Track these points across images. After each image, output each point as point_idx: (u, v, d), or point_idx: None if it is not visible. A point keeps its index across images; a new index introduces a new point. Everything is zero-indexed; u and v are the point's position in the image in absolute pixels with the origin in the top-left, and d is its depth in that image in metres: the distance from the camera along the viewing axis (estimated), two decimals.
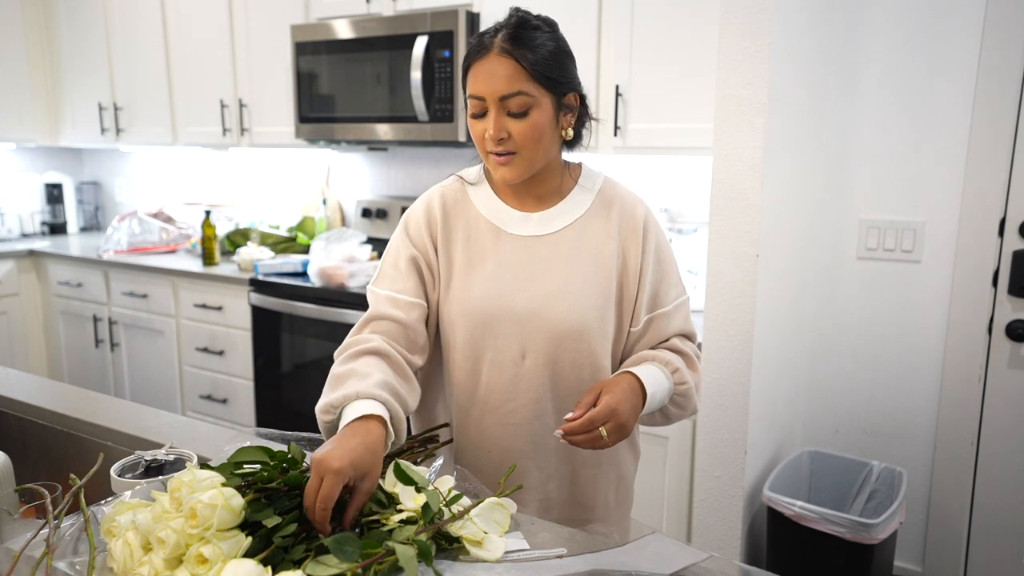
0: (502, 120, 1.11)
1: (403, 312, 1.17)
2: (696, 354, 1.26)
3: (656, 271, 1.22)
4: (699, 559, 0.91)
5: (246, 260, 3.15)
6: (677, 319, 1.24)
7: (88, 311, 3.69)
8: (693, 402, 1.22)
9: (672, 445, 2.17)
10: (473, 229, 1.22)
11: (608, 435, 1.06)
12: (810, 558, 1.95)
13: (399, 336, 1.16)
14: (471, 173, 1.28)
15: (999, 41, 2.06)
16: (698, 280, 2.45)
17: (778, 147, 1.91)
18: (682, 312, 1.25)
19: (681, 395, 1.19)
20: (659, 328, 1.23)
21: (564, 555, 0.90)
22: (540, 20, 1.14)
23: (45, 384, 1.64)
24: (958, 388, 2.23)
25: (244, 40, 3.23)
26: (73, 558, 0.86)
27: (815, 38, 2.12)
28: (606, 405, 1.06)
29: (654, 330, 1.23)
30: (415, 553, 0.80)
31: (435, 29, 2.60)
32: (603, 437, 1.06)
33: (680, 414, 1.23)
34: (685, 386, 1.19)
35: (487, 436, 1.21)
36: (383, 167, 3.42)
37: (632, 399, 1.10)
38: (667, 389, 1.17)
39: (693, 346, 1.26)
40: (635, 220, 1.22)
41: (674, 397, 1.19)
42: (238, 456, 0.91)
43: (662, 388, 1.16)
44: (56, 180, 4.31)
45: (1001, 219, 2.13)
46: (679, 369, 1.18)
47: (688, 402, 1.21)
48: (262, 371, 3.06)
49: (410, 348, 1.17)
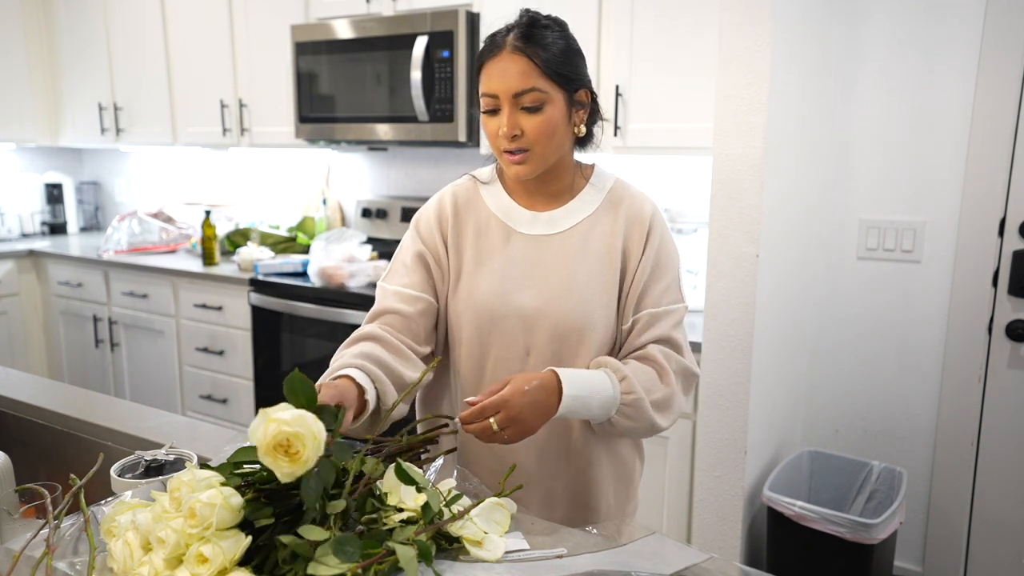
0: (515, 117, 1.12)
1: (407, 305, 1.20)
2: (680, 368, 1.18)
3: (653, 271, 1.20)
4: (699, 560, 0.91)
5: (246, 260, 3.15)
6: (663, 324, 1.19)
7: (88, 311, 3.69)
8: (648, 416, 1.13)
9: (672, 445, 2.17)
10: (483, 227, 1.24)
11: (501, 429, 1.02)
12: (810, 558, 1.95)
13: (402, 327, 1.19)
14: (484, 173, 1.30)
15: (999, 41, 2.06)
16: (698, 280, 2.45)
17: (778, 147, 1.91)
18: (671, 319, 1.19)
19: (629, 406, 1.11)
20: (640, 329, 1.19)
21: (564, 555, 0.90)
22: (550, 19, 1.16)
23: (45, 384, 1.64)
24: (958, 388, 2.23)
25: (244, 40, 3.23)
26: (73, 558, 0.86)
27: (815, 38, 2.12)
28: (500, 396, 1.03)
29: (636, 331, 1.20)
30: (415, 553, 0.80)
31: (435, 29, 2.60)
32: (494, 429, 1.02)
33: (632, 427, 1.14)
34: (632, 396, 1.11)
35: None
36: (383, 167, 3.42)
37: (539, 396, 1.06)
38: (608, 397, 1.10)
39: (678, 359, 1.18)
40: (642, 218, 1.22)
41: (621, 407, 1.11)
42: (238, 456, 0.91)
43: (599, 395, 1.09)
44: (56, 180, 4.31)
45: (1001, 219, 2.13)
46: (627, 378, 1.11)
47: (640, 415, 1.12)
48: (262, 371, 3.06)
49: (414, 339, 1.19)
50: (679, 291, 1.23)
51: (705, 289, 1.97)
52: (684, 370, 1.20)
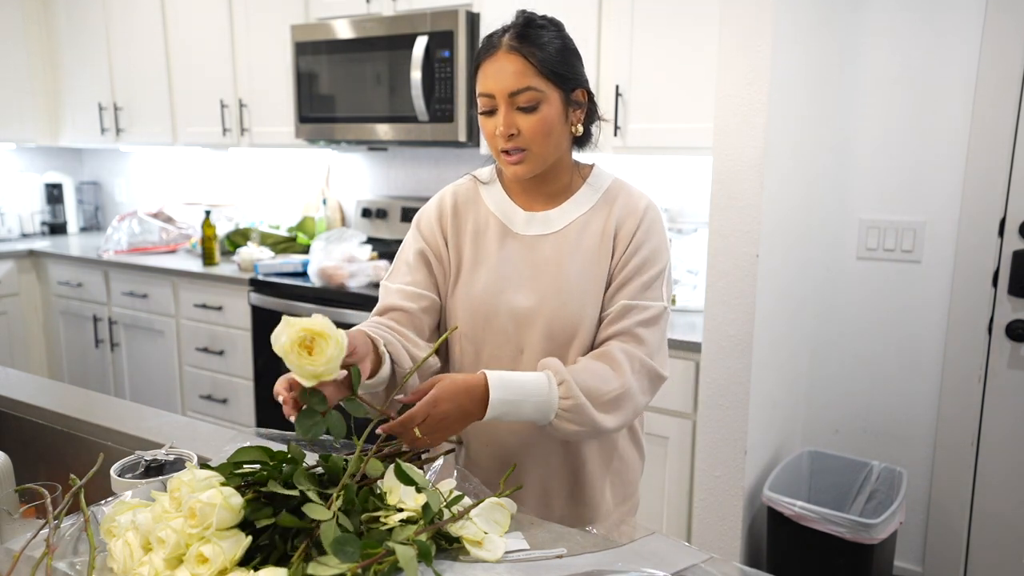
0: (512, 116, 1.13)
1: (411, 302, 1.22)
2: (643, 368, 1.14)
3: (637, 263, 1.18)
4: (699, 560, 0.91)
5: (246, 260, 3.15)
6: (632, 318, 1.15)
7: (88, 311, 3.69)
8: (591, 418, 1.08)
9: (672, 445, 2.17)
10: (482, 226, 1.25)
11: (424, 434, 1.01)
12: (810, 558, 1.95)
13: (407, 324, 1.20)
14: (484, 173, 1.31)
15: (999, 41, 2.06)
16: (698, 280, 2.45)
17: (778, 147, 1.91)
18: (642, 315, 1.16)
19: (568, 411, 1.07)
20: (611, 320, 1.17)
21: (564, 555, 0.91)
22: (546, 20, 1.17)
23: (45, 384, 1.64)
24: (958, 388, 2.23)
25: (244, 40, 3.23)
26: (73, 558, 0.86)
27: (815, 38, 2.12)
28: (425, 403, 1.01)
29: (607, 322, 1.17)
30: (415, 553, 0.80)
31: (435, 29, 2.60)
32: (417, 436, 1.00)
33: (577, 431, 1.09)
34: (570, 401, 1.06)
35: (487, 431, 1.22)
36: (383, 167, 3.42)
37: (463, 402, 1.04)
38: (542, 401, 1.06)
39: (642, 358, 1.14)
40: (635, 211, 1.21)
41: (560, 412, 1.07)
42: (238, 456, 0.91)
43: (533, 398, 1.06)
44: (56, 180, 4.31)
45: (1001, 219, 2.13)
46: (566, 381, 1.07)
47: (582, 418, 1.08)
48: (262, 371, 3.05)
49: (418, 334, 1.21)
50: (661, 290, 1.19)
51: (705, 289, 1.97)
52: (648, 370, 1.15)
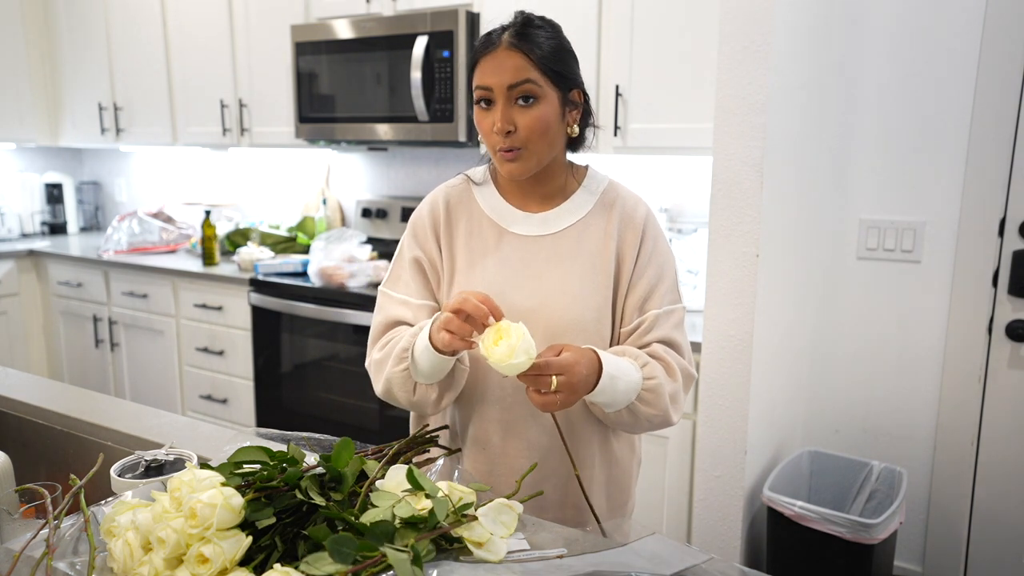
0: (509, 111, 1.13)
1: (414, 313, 1.22)
2: (681, 368, 1.20)
3: (650, 273, 1.22)
4: (699, 560, 0.91)
5: (246, 260, 3.15)
6: (664, 325, 1.21)
7: (88, 311, 3.69)
8: (664, 404, 1.15)
9: (672, 445, 2.17)
10: (476, 227, 1.24)
11: (558, 387, 1.03)
12: (810, 558, 1.95)
13: None
14: (477, 173, 1.31)
15: (999, 41, 2.06)
16: (698, 280, 2.45)
17: (778, 147, 1.91)
18: (671, 319, 1.22)
19: (649, 391, 1.13)
20: (643, 331, 1.21)
21: (564, 555, 0.90)
22: (544, 21, 1.18)
23: (45, 384, 1.64)
24: (958, 388, 2.23)
25: (244, 40, 3.23)
26: (73, 558, 0.85)
27: (815, 38, 2.12)
28: (566, 359, 1.04)
29: (641, 331, 1.21)
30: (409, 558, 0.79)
31: (435, 29, 2.60)
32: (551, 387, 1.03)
33: (650, 415, 1.15)
34: (654, 381, 1.13)
35: (485, 432, 1.22)
36: (383, 167, 3.42)
37: (589, 368, 1.07)
38: (634, 382, 1.12)
39: (679, 359, 1.21)
40: (635, 221, 1.23)
41: (642, 393, 1.13)
42: (238, 456, 0.91)
43: (627, 378, 1.11)
44: (56, 180, 4.31)
45: (1001, 219, 2.13)
46: (648, 364, 1.15)
47: (658, 400, 1.14)
48: (262, 371, 3.06)
49: None
50: (677, 292, 1.25)
51: (705, 289, 1.97)
52: (684, 371, 1.22)
